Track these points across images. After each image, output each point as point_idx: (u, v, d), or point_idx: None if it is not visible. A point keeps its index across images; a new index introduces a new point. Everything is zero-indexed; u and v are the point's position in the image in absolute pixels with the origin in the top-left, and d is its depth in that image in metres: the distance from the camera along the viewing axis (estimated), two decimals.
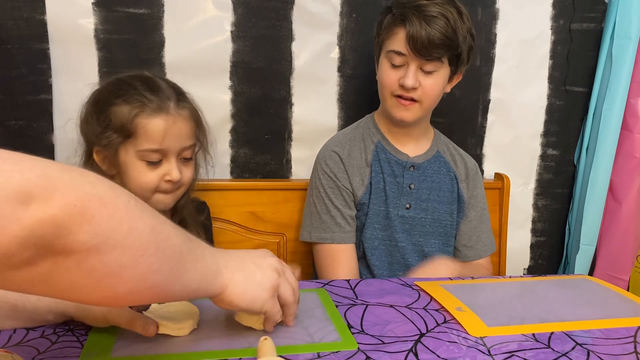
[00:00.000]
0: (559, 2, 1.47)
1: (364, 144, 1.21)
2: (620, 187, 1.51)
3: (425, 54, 1.06)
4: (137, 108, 0.89)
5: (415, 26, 1.05)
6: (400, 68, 1.10)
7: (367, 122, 1.25)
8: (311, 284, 0.92)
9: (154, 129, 0.89)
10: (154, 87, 0.92)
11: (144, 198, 0.93)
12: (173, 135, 0.91)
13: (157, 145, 0.89)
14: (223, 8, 1.28)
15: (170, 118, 0.91)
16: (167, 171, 0.92)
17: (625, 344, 0.74)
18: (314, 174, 1.21)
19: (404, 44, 1.07)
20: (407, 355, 0.68)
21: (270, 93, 1.35)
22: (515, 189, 1.55)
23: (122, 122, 0.89)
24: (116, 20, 1.23)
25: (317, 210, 1.17)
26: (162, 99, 0.91)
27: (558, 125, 1.56)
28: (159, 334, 0.69)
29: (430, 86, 1.10)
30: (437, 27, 1.04)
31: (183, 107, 0.94)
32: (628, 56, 1.41)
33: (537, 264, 1.66)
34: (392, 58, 1.11)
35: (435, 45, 1.05)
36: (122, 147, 0.91)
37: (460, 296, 0.87)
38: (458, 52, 1.09)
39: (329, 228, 1.15)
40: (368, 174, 1.18)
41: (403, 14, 1.07)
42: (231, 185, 1.32)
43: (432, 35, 1.04)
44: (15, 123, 1.24)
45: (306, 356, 0.66)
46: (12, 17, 1.18)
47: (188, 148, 0.95)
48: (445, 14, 1.06)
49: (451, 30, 1.06)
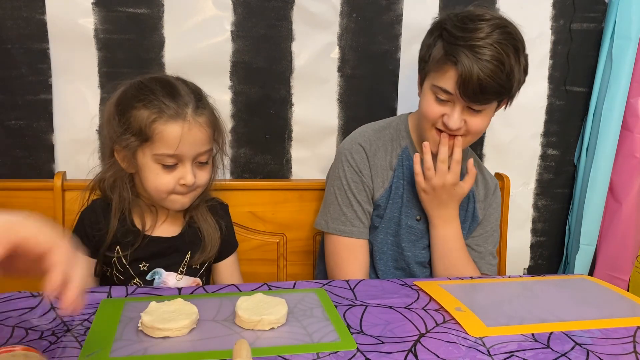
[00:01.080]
0: (559, 2, 1.47)
1: (391, 146, 1.17)
2: (620, 187, 1.51)
3: (474, 99, 1.00)
4: (155, 114, 0.91)
5: (466, 69, 0.97)
6: (446, 103, 1.04)
7: (399, 124, 1.19)
8: (311, 284, 0.92)
9: (169, 135, 0.91)
10: (174, 92, 0.94)
11: (160, 198, 0.95)
12: (189, 142, 0.92)
13: (172, 150, 0.91)
14: (223, 8, 1.28)
15: (187, 125, 0.92)
16: (182, 175, 0.94)
17: (624, 344, 0.74)
18: (337, 164, 1.17)
19: (452, 85, 1.00)
20: (407, 355, 0.68)
21: (270, 93, 1.35)
22: (515, 189, 1.55)
23: (140, 126, 0.91)
24: (116, 20, 1.23)
25: (337, 202, 1.13)
26: (180, 106, 0.93)
27: (558, 125, 1.56)
28: (158, 333, 0.69)
29: (477, 125, 1.05)
30: (490, 73, 0.97)
31: (201, 113, 0.95)
32: (628, 56, 1.41)
33: (537, 264, 1.65)
34: (438, 93, 1.04)
35: (485, 92, 0.99)
36: (140, 149, 0.93)
37: (460, 296, 0.87)
38: (510, 95, 1.05)
39: (349, 221, 1.13)
40: (390, 178, 1.15)
41: (455, 54, 0.99)
42: (231, 185, 1.32)
43: (485, 82, 0.97)
44: (15, 123, 1.24)
45: (305, 356, 0.66)
46: (12, 17, 1.19)
47: (204, 153, 0.96)
48: (501, 58, 0.97)
49: (505, 77, 0.98)
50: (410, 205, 1.16)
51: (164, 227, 1.03)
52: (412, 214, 1.16)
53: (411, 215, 1.16)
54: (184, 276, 1.03)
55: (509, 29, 1.01)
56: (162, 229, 1.02)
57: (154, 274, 1.01)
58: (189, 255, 1.03)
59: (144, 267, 1.00)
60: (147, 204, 1.01)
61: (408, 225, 1.16)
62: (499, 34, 0.99)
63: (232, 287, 0.88)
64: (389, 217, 1.16)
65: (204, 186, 1.00)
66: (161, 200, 0.96)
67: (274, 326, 0.73)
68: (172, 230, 1.03)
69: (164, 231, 1.02)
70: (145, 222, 1.01)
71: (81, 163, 1.28)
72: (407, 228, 1.16)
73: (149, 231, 1.01)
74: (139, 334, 0.70)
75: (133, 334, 0.70)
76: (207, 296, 0.84)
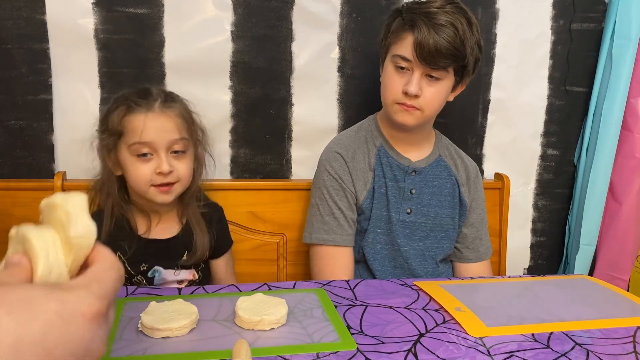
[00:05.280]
0: (559, 2, 1.47)
1: (367, 148, 1.20)
2: (620, 187, 1.51)
3: (431, 62, 1.05)
4: (125, 109, 0.98)
5: (423, 33, 1.03)
6: (405, 73, 1.09)
7: (370, 124, 1.24)
8: (310, 284, 0.92)
9: (136, 123, 0.96)
10: (145, 93, 1.01)
11: (142, 192, 0.99)
12: (155, 128, 0.96)
13: (139, 137, 0.96)
14: (223, 8, 1.28)
15: (152, 114, 0.97)
16: (157, 164, 0.97)
17: (624, 344, 0.74)
18: (318, 175, 1.20)
19: (410, 50, 1.06)
20: (407, 355, 0.68)
21: (270, 93, 1.35)
22: (515, 189, 1.55)
23: (114, 124, 0.98)
24: (116, 20, 1.23)
25: (319, 212, 1.16)
26: (149, 101, 0.99)
27: (558, 125, 1.56)
28: (158, 334, 0.69)
29: (433, 95, 1.09)
30: (445, 36, 1.03)
31: (169, 106, 1.00)
32: (628, 56, 1.41)
33: (537, 264, 1.65)
34: (397, 62, 1.09)
35: (441, 55, 1.04)
36: (119, 146, 0.99)
37: (460, 296, 0.87)
38: (464, 63, 1.08)
39: (331, 230, 1.14)
40: (371, 179, 1.17)
41: (412, 20, 1.06)
42: (231, 185, 1.32)
43: (440, 44, 1.03)
44: (15, 123, 1.24)
45: (305, 356, 0.66)
46: (12, 17, 1.19)
47: (176, 142, 0.99)
48: (454, 23, 1.04)
49: (459, 41, 1.04)
50: (397, 200, 1.17)
51: (159, 230, 1.06)
52: (402, 208, 1.17)
53: (401, 210, 1.17)
54: (181, 271, 1.06)
55: (461, 5, 1.09)
56: (158, 231, 1.06)
57: (154, 272, 1.04)
58: (185, 257, 1.06)
59: (144, 267, 1.04)
60: (140, 209, 1.05)
61: (400, 220, 1.17)
62: (452, 7, 1.07)
63: (232, 287, 0.88)
64: (377, 217, 1.16)
65: (184, 180, 1.02)
66: (144, 193, 1.00)
67: (274, 326, 0.73)
68: (168, 233, 1.06)
69: (159, 233, 1.06)
70: (141, 226, 1.05)
71: (81, 163, 1.28)
72: (400, 223, 1.17)
73: (146, 234, 1.04)
74: (139, 334, 0.70)
75: (133, 334, 0.70)
76: (207, 296, 0.84)
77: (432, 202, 1.19)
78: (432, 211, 1.19)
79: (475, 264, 1.25)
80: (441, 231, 1.20)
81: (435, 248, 1.20)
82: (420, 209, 1.18)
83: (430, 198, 1.19)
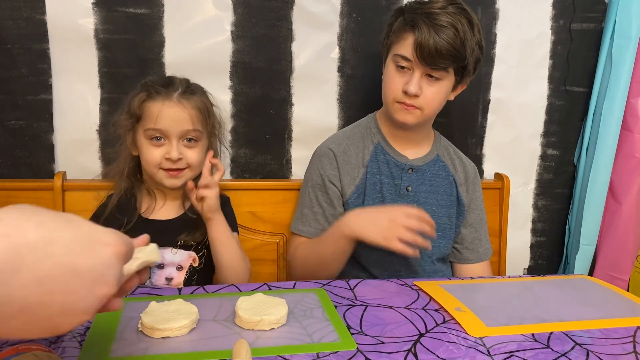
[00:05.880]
0: (559, 2, 1.47)
1: (362, 144, 1.21)
2: (620, 187, 1.51)
3: (430, 62, 1.06)
4: (146, 95, 1.04)
5: (424, 34, 1.04)
6: (405, 73, 1.10)
7: (369, 121, 1.25)
8: (310, 284, 0.92)
9: (153, 110, 1.02)
10: (168, 82, 1.06)
11: (152, 173, 1.04)
12: (170, 118, 1.02)
13: (153, 123, 1.01)
14: (223, 8, 1.28)
15: (170, 102, 1.02)
16: (168, 150, 1.03)
17: (624, 344, 0.74)
18: (308, 169, 1.23)
19: (410, 50, 1.07)
20: (407, 355, 0.68)
21: (270, 93, 1.35)
22: (515, 189, 1.55)
23: (134, 107, 1.04)
24: (116, 20, 1.23)
25: (302, 203, 1.21)
26: (169, 90, 1.04)
27: (558, 125, 1.56)
28: (158, 334, 0.69)
29: (433, 95, 1.10)
30: (445, 37, 1.04)
31: (188, 97, 1.04)
32: (628, 56, 1.41)
33: (537, 264, 1.65)
34: (398, 61, 1.10)
35: (441, 55, 1.05)
36: (137, 128, 1.05)
37: (460, 296, 0.87)
38: (464, 63, 1.09)
39: (307, 222, 1.18)
40: (361, 174, 1.18)
41: (413, 20, 1.07)
42: (231, 185, 1.32)
43: (440, 45, 1.04)
44: (15, 123, 1.24)
45: (305, 356, 0.66)
46: (12, 17, 1.19)
47: (189, 132, 1.04)
48: (455, 24, 1.05)
49: (459, 42, 1.05)
50: (393, 197, 1.18)
51: (162, 211, 1.09)
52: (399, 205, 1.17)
53: None
54: (179, 250, 1.07)
55: (463, 6, 1.10)
56: (159, 213, 1.09)
57: None
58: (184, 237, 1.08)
59: None
60: (148, 190, 1.10)
61: None
62: (454, 7, 1.08)
63: (232, 287, 0.88)
64: None
65: (195, 166, 1.06)
66: (154, 175, 1.05)
67: (274, 326, 0.73)
68: (168, 215, 1.10)
69: (160, 214, 1.09)
70: (144, 205, 1.09)
71: (81, 163, 1.28)
72: None
73: (146, 214, 1.08)
74: (139, 334, 0.70)
75: (133, 334, 0.70)
76: (207, 296, 0.84)
77: (428, 200, 1.20)
78: (429, 209, 1.19)
79: (475, 264, 1.25)
80: (438, 230, 1.19)
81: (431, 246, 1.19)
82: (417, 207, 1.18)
83: (427, 197, 1.20)
